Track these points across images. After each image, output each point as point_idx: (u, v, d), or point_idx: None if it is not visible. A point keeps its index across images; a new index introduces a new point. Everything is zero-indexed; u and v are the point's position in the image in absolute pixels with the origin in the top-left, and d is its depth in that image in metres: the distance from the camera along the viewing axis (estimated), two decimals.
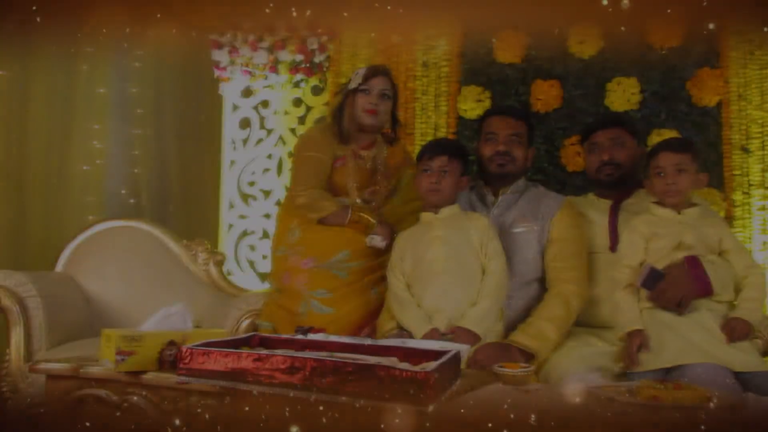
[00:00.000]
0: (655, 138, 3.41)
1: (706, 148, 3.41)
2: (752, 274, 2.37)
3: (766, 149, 3.38)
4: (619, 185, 2.79)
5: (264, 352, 1.86)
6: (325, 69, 4.08)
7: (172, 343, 2.11)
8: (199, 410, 1.90)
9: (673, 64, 3.51)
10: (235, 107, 4.31)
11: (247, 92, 4.30)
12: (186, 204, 4.63)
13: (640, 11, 3.43)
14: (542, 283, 2.69)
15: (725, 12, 3.40)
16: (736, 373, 2.15)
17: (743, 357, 2.20)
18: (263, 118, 4.25)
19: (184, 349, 1.86)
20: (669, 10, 3.45)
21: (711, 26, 3.42)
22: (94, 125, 4.39)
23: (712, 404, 1.65)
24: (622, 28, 3.55)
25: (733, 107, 3.44)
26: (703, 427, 1.54)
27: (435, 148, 2.64)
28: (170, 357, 2.09)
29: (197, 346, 1.87)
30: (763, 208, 3.36)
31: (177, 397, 1.98)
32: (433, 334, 2.40)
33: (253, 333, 2.27)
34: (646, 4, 3.40)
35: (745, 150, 3.40)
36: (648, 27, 3.53)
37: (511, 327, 2.56)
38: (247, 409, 1.79)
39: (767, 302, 3.18)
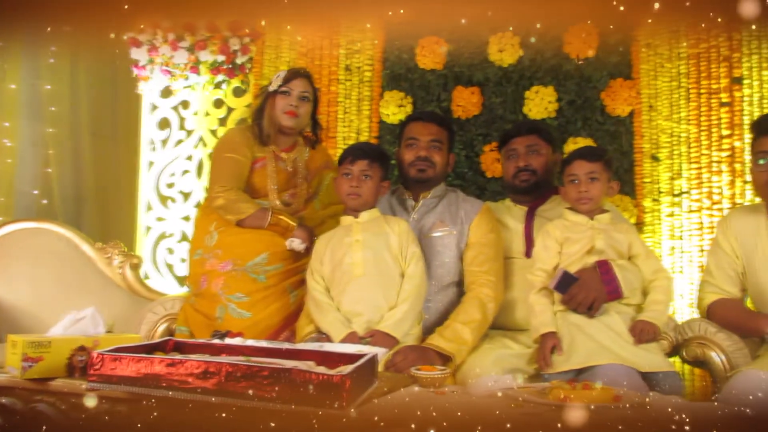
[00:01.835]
0: (571, 146, 3.52)
1: (619, 156, 3.53)
2: (659, 279, 2.47)
3: (674, 158, 3.52)
4: (535, 191, 2.86)
5: (177, 357, 1.83)
6: (247, 71, 4.03)
7: (82, 349, 2.05)
8: (109, 417, 1.85)
9: (589, 75, 3.62)
10: (154, 107, 4.20)
11: (167, 92, 4.19)
12: (101, 205, 4.50)
13: (557, 22, 3.54)
14: (460, 287, 2.73)
15: (637, 25, 3.54)
16: (643, 373, 2.25)
17: (650, 358, 2.29)
18: (183, 118, 4.16)
19: (94, 355, 1.81)
20: (588, 22, 3.56)
21: (623, 39, 3.56)
22: (4, 122, 4.23)
23: (619, 403, 1.70)
24: (540, 39, 3.65)
25: (644, 117, 3.57)
26: (610, 425, 1.59)
27: (356, 152, 2.64)
28: (81, 363, 2.03)
29: (109, 351, 1.83)
30: (671, 215, 3.49)
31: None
32: (352, 338, 2.41)
33: (167, 338, 2.22)
34: (564, 15, 3.51)
35: (655, 159, 3.53)
36: (565, 38, 3.63)
37: (429, 330, 2.58)
38: (158, 415, 1.75)
39: (673, 305, 3.33)
